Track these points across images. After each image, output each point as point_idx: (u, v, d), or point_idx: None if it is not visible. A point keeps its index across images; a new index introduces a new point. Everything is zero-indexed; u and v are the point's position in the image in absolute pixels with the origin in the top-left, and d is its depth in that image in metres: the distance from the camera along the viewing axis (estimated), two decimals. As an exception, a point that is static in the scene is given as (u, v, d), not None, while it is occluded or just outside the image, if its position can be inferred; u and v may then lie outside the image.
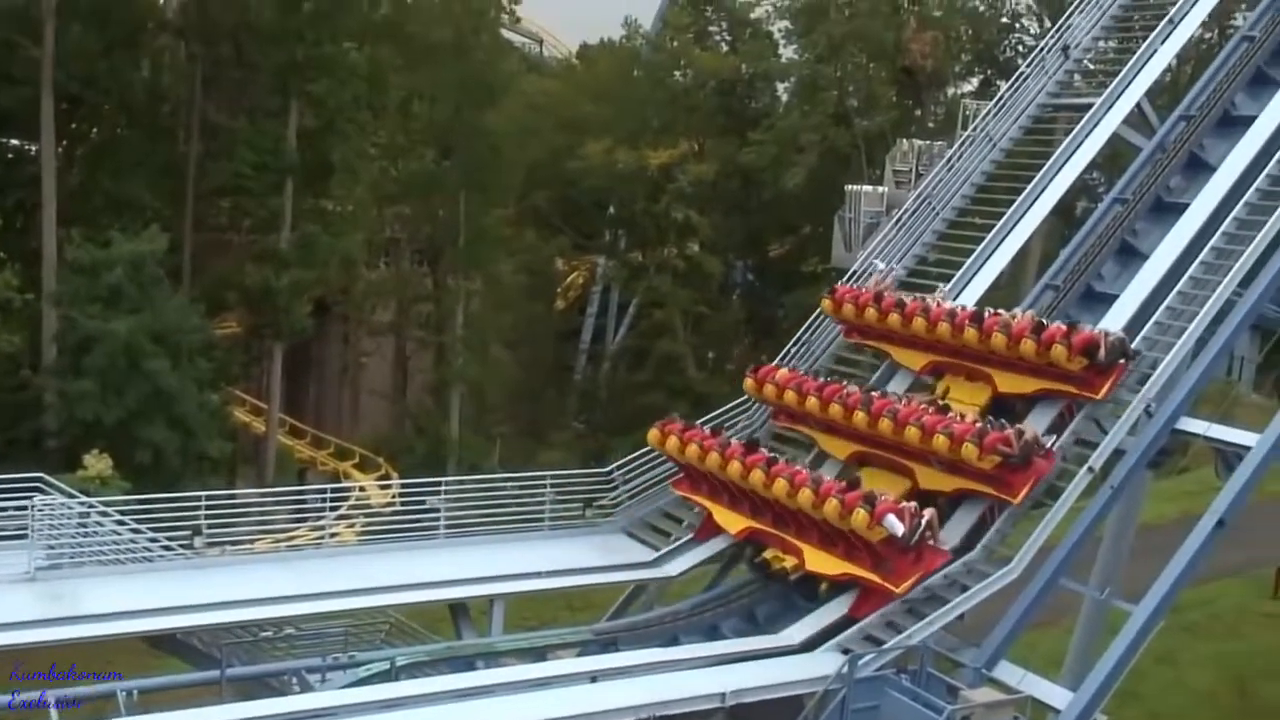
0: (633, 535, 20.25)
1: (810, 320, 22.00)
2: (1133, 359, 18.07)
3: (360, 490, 42.45)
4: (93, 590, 17.04)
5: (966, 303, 20.53)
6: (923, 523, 17.10)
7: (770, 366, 21.09)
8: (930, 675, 16.18)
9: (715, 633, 18.35)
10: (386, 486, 42.23)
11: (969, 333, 19.03)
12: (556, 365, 73.56)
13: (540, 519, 20.18)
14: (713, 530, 19.63)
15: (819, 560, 17.84)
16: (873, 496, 17.16)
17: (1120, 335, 18.25)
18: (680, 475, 20.48)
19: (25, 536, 17.57)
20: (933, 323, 19.58)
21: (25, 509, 17.71)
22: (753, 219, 72.34)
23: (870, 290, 20.98)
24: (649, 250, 68.27)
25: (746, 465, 18.75)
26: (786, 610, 18.29)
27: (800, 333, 21.93)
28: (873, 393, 19.56)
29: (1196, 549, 16.44)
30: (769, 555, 18.64)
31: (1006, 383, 18.90)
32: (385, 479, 48.47)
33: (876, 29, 64.31)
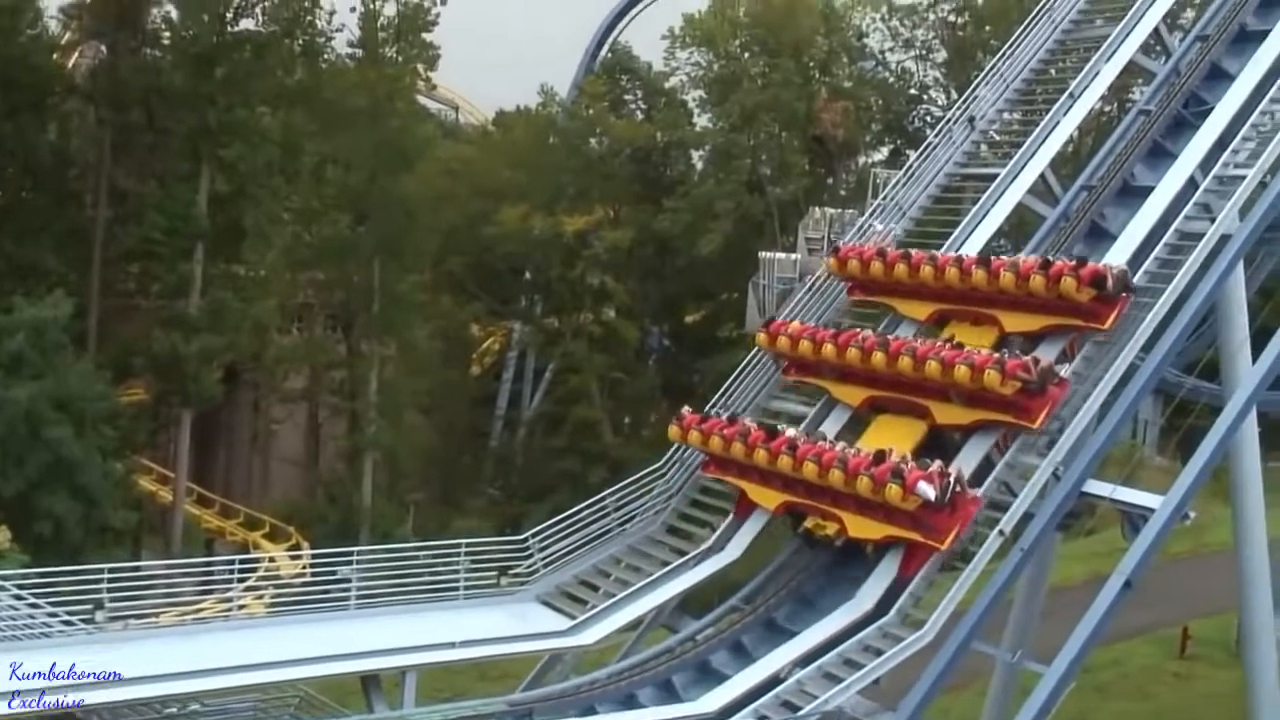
0: (548, 604, 19.99)
1: (735, 373, 22.14)
2: (1134, 292, 18.67)
3: (270, 560, 41.62)
4: (-12, 667, 16.40)
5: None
6: (951, 480, 17.53)
7: (781, 321, 21.55)
8: (847, 740, 16.16)
9: (632, 701, 18.13)
10: (297, 556, 41.50)
11: (977, 274, 19.63)
12: (472, 431, 73.03)
13: (454, 588, 19.86)
14: (749, 508, 19.90)
15: (860, 526, 18.31)
16: (900, 469, 17.47)
17: (1124, 268, 18.97)
18: (708, 460, 20.70)
19: (-82, 611, 16.97)
20: (940, 269, 20.05)
21: (-82, 583, 17.10)
22: (668, 285, 72.92)
23: (873, 247, 21.59)
24: (565, 316, 68.28)
25: (773, 451, 19.05)
26: (703, 678, 18.18)
27: (726, 386, 21.99)
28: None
29: (1105, 610, 16.72)
30: (810, 524, 19.04)
31: (1013, 322, 19.42)
32: (296, 548, 47.60)
33: (789, 99, 65.48)
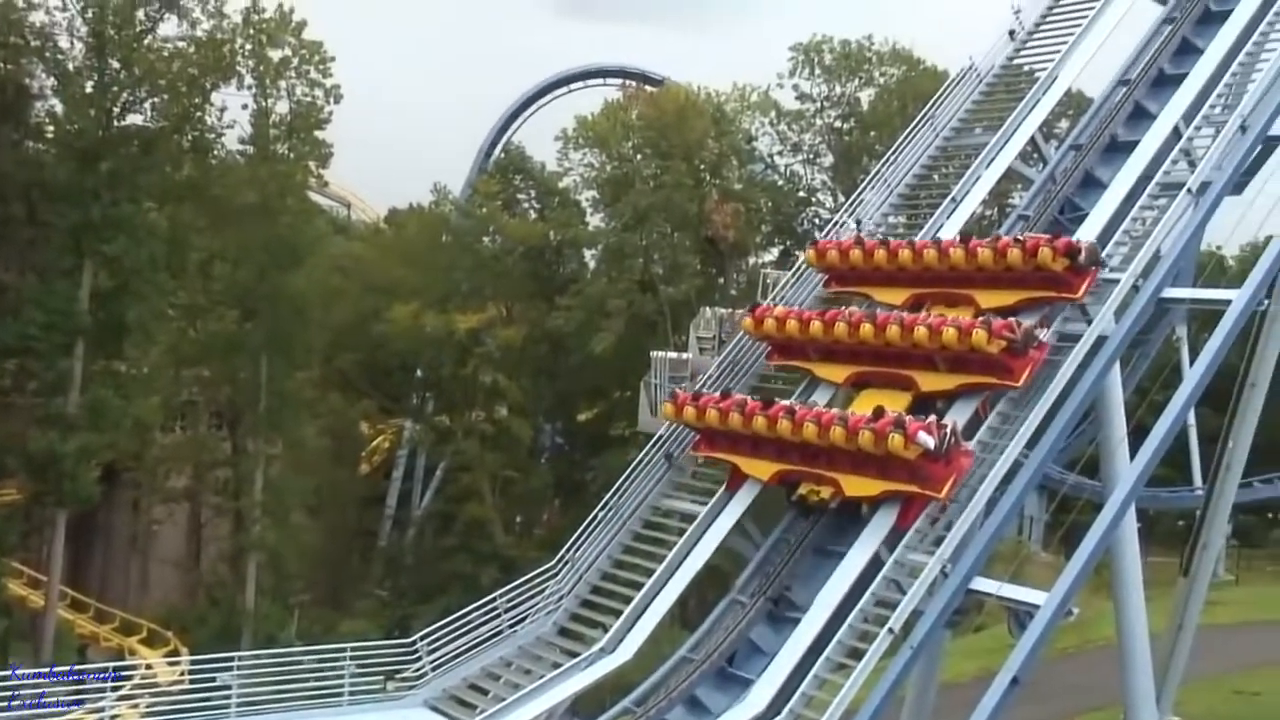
0: (436, 709, 19.46)
1: (627, 471, 22.06)
2: (1103, 266, 19.70)
3: (146, 667, 40.04)
4: None
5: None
6: (948, 432, 18.26)
7: (765, 306, 22.31)
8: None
9: (521, 808, 17.75)
10: (175, 663, 39.99)
11: (955, 254, 20.38)
12: (360, 531, 71.78)
13: (339, 693, 19.29)
14: (741, 480, 20.31)
15: (856, 485, 18.81)
16: (901, 420, 18.18)
17: (1093, 242, 19.89)
18: (698, 439, 21.14)
19: None
20: (918, 252, 20.80)
21: None
22: (561, 383, 72.93)
23: (849, 240, 22.43)
24: (457, 414, 67.81)
25: (770, 417, 19.44)
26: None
27: (619, 484, 21.85)
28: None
29: (994, 707, 16.76)
30: (804, 491, 19.40)
31: (990, 299, 20.07)
32: (174, 654, 45.95)
33: (680, 200, 66.37)
